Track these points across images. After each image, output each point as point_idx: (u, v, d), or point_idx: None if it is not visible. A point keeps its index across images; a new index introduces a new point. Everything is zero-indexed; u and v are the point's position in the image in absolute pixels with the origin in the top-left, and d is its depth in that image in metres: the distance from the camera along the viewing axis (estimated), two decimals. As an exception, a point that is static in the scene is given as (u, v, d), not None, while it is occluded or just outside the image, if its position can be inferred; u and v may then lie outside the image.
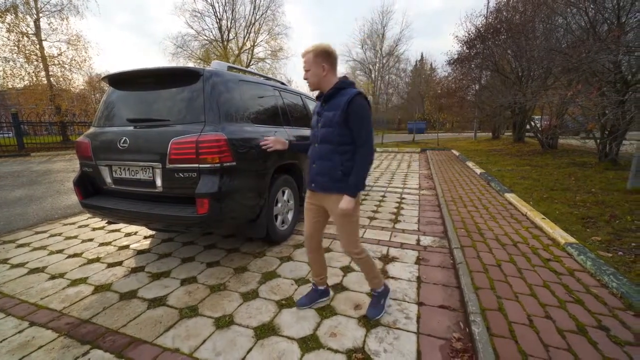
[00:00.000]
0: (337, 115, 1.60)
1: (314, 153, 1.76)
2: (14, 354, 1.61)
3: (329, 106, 1.66)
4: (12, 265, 2.66)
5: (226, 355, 1.57)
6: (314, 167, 1.74)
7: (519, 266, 2.34)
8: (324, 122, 1.67)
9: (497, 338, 1.57)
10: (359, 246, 1.79)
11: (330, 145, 1.66)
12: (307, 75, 1.66)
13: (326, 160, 1.68)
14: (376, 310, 1.86)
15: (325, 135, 1.66)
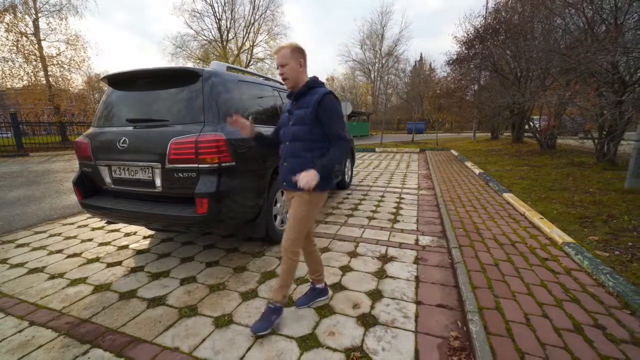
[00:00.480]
0: (309, 112, 1.63)
1: (285, 151, 1.76)
2: (14, 353, 1.61)
3: (300, 104, 1.69)
4: (11, 265, 2.67)
5: (225, 354, 1.58)
6: (285, 165, 1.75)
7: (517, 265, 2.35)
8: (295, 120, 1.69)
9: (494, 337, 1.58)
10: (299, 248, 1.77)
11: (301, 143, 1.68)
12: (285, 70, 1.64)
13: (297, 158, 1.69)
14: (264, 325, 1.71)
15: (296, 133, 1.68)
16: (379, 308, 1.96)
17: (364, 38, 41.71)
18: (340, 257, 2.73)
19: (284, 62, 1.64)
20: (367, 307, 1.98)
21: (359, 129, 24.95)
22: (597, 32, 6.08)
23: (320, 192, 1.70)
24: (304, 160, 1.66)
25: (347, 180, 5.55)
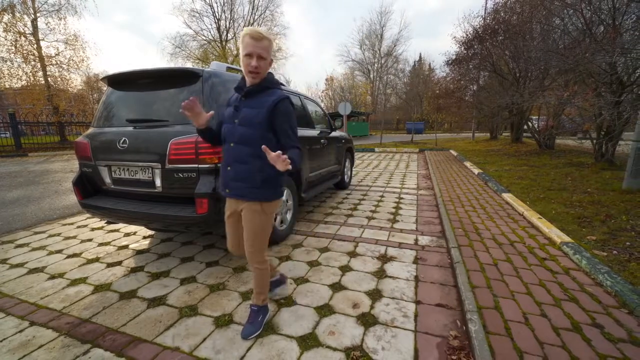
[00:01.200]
0: (261, 115, 1.49)
1: (229, 154, 1.57)
2: (14, 353, 1.62)
3: (250, 102, 1.52)
4: (11, 265, 2.67)
5: (226, 353, 1.59)
6: (229, 170, 1.57)
7: (516, 265, 2.36)
8: (242, 120, 1.51)
9: (493, 336, 1.59)
10: (265, 257, 1.70)
11: (249, 148, 1.51)
12: (261, 64, 1.45)
13: (243, 164, 1.54)
14: (253, 328, 1.70)
15: (244, 135, 1.51)
16: (378, 308, 1.97)
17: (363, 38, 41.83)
18: (339, 257, 2.73)
19: (265, 55, 1.44)
20: (367, 306, 1.98)
21: (359, 129, 24.97)
22: (596, 32, 6.11)
23: (270, 202, 1.60)
24: (251, 168, 1.52)
25: (346, 180, 5.56)
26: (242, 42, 1.42)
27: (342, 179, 5.27)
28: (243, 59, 1.44)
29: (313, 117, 4.27)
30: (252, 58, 1.42)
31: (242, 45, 1.42)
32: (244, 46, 1.41)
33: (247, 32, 1.41)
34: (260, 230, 1.61)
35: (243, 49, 1.42)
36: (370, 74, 42.20)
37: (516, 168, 6.80)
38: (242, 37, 1.42)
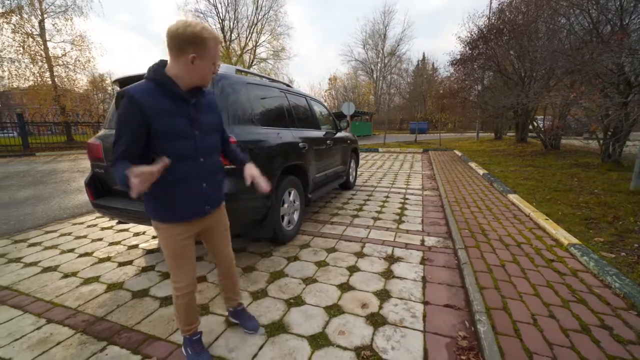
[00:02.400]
0: (219, 118, 1.46)
1: (199, 170, 1.35)
2: (34, 349, 1.66)
3: (201, 108, 1.35)
4: (25, 264, 2.73)
5: (239, 352, 1.62)
6: (205, 187, 1.38)
7: (523, 266, 2.38)
8: (207, 129, 1.37)
9: (502, 336, 1.61)
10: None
11: (217, 156, 1.47)
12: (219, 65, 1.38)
13: (217, 175, 1.46)
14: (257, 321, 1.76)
15: (211, 144, 1.41)
16: (387, 308, 1.99)
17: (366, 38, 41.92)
18: (347, 257, 2.76)
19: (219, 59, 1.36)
20: (376, 307, 2.01)
21: (362, 129, 24.97)
22: (603, 32, 6.07)
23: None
24: (222, 179, 1.49)
25: (351, 180, 5.58)
26: (210, 48, 1.24)
27: (347, 179, 5.29)
28: (208, 66, 1.27)
29: (319, 118, 4.29)
30: (216, 64, 1.30)
31: (210, 50, 1.24)
32: (214, 53, 1.26)
33: (216, 37, 1.27)
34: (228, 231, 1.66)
35: (212, 56, 1.26)
36: (373, 74, 42.17)
37: (521, 169, 6.78)
38: (209, 41, 1.23)
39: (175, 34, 1.18)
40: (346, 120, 5.11)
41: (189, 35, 1.17)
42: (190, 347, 1.55)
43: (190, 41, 1.18)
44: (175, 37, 1.18)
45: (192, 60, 1.21)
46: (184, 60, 1.21)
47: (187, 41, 1.18)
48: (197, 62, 1.22)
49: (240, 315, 1.80)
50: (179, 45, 1.19)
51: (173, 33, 1.18)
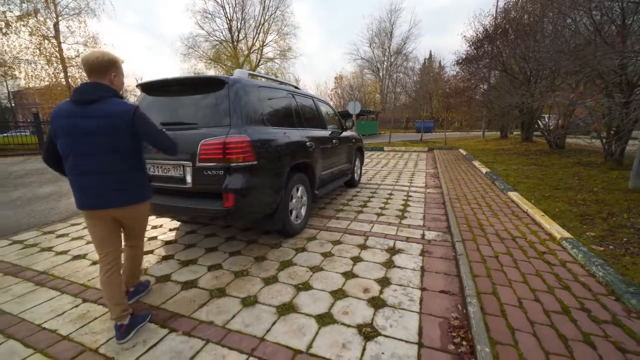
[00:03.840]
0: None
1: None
2: (75, 323, 1.90)
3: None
4: (56, 253, 2.98)
5: (254, 327, 1.84)
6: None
7: (515, 258, 2.54)
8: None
9: (490, 316, 1.80)
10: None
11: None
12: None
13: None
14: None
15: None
16: (387, 293, 2.19)
17: (372, 36, 41.80)
18: (351, 249, 2.95)
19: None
20: (377, 291, 2.20)
21: (368, 128, 25.06)
22: (607, 32, 6.13)
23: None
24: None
25: (356, 178, 5.76)
26: (120, 69, 1.70)
27: (352, 177, 5.48)
28: (122, 81, 1.75)
29: (325, 117, 4.48)
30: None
31: (121, 71, 1.71)
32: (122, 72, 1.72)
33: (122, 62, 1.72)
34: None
35: (122, 74, 1.73)
36: (379, 73, 42.12)
37: (524, 167, 6.88)
38: (119, 63, 1.69)
39: (96, 62, 1.60)
40: (351, 120, 5.29)
41: (108, 61, 1.62)
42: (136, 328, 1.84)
43: (110, 65, 1.63)
44: (97, 63, 1.60)
45: (113, 79, 1.67)
46: (107, 79, 1.65)
47: (109, 63, 1.63)
48: (116, 80, 1.68)
49: (137, 289, 2.15)
50: (102, 69, 1.61)
51: (94, 61, 1.60)
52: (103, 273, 1.73)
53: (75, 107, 1.57)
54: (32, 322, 1.91)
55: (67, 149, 1.58)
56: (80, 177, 1.62)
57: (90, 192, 1.63)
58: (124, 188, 1.69)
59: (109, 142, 1.59)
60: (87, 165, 1.60)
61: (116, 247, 1.79)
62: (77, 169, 1.61)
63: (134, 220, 1.85)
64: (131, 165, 1.71)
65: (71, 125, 1.55)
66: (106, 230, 1.73)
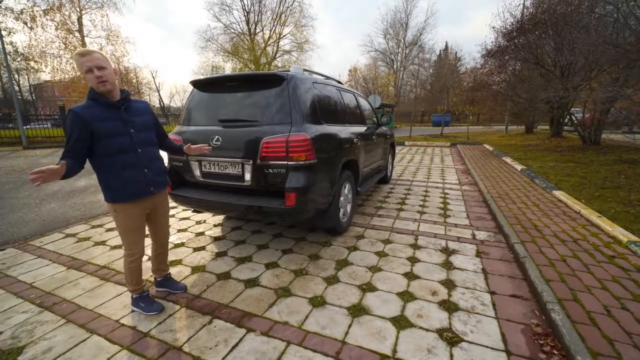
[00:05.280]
0: (150, 120, 1.88)
1: (140, 158, 1.78)
2: (152, 319, 1.93)
3: (132, 111, 1.77)
4: (111, 247, 3.04)
5: (331, 329, 1.82)
6: (147, 172, 1.80)
7: (585, 262, 2.44)
8: (140, 127, 1.79)
9: (579, 324, 1.72)
10: None
11: (154, 147, 1.91)
12: (106, 73, 1.60)
13: (157, 160, 1.92)
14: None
15: (147, 138, 1.84)
16: (456, 296, 2.13)
17: (387, 27, 40.82)
18: (403, 248, 2.90)
19: (104, 64, 1.60)
20: (445, 294, 2.15)
21: (384, 122, 24.73)
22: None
23: None
24: (161, 161, 1.96)
25: (388, 174, 5.68)
26: (77, 64, 1.65)
27: (386, 173, 5.40)
28: (87, 77, 1.63)
29: (364, 113, 4.40)
30: (93, 71, 1.58)
31: (78, 66, 1.66)
32: (79, 65, 1.64)
33: (79, 53, 1.63)
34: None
35: (80, 68, 1.65)
36: (393, 65, 41.27)
37: (561, 165, 6.63)
38: (76, 58, 1.64)
39: None
40: (388, 115, 5.17)
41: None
42: (142, 301, 1.99)
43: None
44: None
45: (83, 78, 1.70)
46: None
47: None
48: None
49: (168, 282, 2.23)
50: None
51: None
52: (136, 259, 1.92)
53: None
54: (110, 318, 1.95)
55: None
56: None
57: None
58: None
59: None
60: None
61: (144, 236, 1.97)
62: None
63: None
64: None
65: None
66: (143, 219, 1.92)
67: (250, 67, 26.77)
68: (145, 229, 1.97)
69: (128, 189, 1.76)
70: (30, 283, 2.37)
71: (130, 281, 1.97)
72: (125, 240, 1.88)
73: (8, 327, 1.86)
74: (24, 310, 2.02)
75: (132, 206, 1.81)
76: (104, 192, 1.77)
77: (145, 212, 1.91)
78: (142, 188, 1.81)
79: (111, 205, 1.80)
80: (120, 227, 1.85)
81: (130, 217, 1.82)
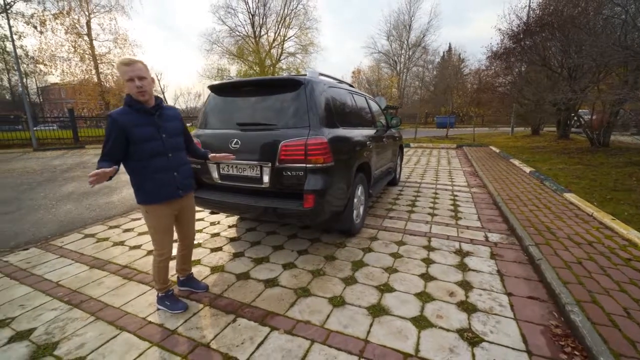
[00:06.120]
0: (179, 126, 1.96)
1: (170, 163, 1.86)
2: (177, 318, 1.98)
3: (164, 118, 1.86)
4: (130, 247, 3.11)
5: (353, 328, 1.86)
6: (176, 175, 1.88)
7: (601, 264, 2.45)
8: (170, 133, 1.87)
9: (599, 326, 1.74)
10: None
11: (183, 152, 2.00)
12: (145, 84, 1.69)
13: (186, 165, 1.99)
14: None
15: (177, 144, 1.92)
16: (473, 297, 2.16)
17: (390, 29, 40.86)
18: (417, 250, 2.94)
19: (144, 74, 1.68)
20: (462, 295, 2.18)
21: (388, 124, 24.76)
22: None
23: None
24: (189, 166, 2.04)
25: (397, 176, 5.71)
26: (121, 72, 1.70)
27: (394, 175, 5.43)
28: (128, 85, 1.71)
29: (375, 115, 4.44)
30: (134, 81, 1.68)
31: (121, 74, 1.71)
32: (122, 73, 1.70)
33: (121, 62, 1.72)
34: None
35: (123, 76, 1.71)
36: (397, 66, 41.28)
37: (570, 167, 6.62)
38: (119, 67, 1.71)
39: None
40: (398, 118, 5.22)
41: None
42: (167, 300, 2.05)
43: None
44: None
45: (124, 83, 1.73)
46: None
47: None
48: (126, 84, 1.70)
49: (190, 281, 2.29)
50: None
51: None
52: (165, 258, 1.99)
53: None
54: (137, 315, 2.01)
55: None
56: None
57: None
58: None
59: None
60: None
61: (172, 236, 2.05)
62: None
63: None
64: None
65: None
66: (172, 220, 2.00)
67: (255, 70, 26.97)
68: (173, 231, 2.03)
69: (159, 192, 1.84)
70: (56, 281, 2.44)
71: (158, 279, 2.02)
72: (155, 240, 1.94)
73: (41, 323, 1.93)
74: (53, 308, 2.09)
75: (162, 207, 1.87)
76: (137, 194, 1.83)
77: (174, 214, 1.98)
78: (172, 191, 1.89)
79: (143, 207, 1.86)
80: (151, 227, 1.91)
81: (161, 218, 1.89)
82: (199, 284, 2.30)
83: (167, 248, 1.97)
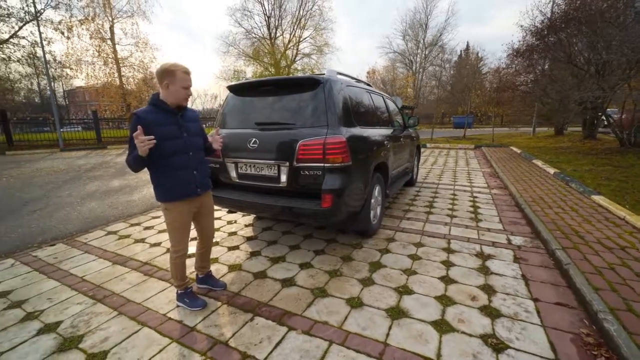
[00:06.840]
0: (199, 126, 2.02)
1: (190, 161, 1.92)
2: (196, 315, 2.00)
3: (186, 118, 1.92)
4: (150, 244, 3.18)
5: (372, 330, 1.82)
6: (195, 174, 1.93)
7: (636, 271, 2.32)
8: (193, 132, 1.94)
9: (636, 336, 1.64)
10: None
11: (202, 152, 2.05)
12: (191, 91, 1.87)
13: (204, 164, 2.05)
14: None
15: (197, 143, 1.98)
16: (496, 302, 2.08)
17: (406, 28, 40.36)
18: (437, 252, 2.86)
19: (191, 84, 1.86)
20: (485, 300, 2.11)
21: (403, 124, 24.43)
22: None
23: None
24: (207, 165, 2.11)
25: (414, 177, 5.61)
26: (177, 76, 1.77)
27: (411, 176, 5.34)
28: (179, 89, 1.80)
29: (392, 115, 4.38)
30: (188, 90, 1.84)
31: (177, 78, 1.77)
32: (180, 79, 1.78)
33: (183, 69, 1.79)
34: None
35: (180, 81, 1.79)
36: (412, 66, 40.68)
37: (598, 168, 6.31)
38: (177, 72, 1.77)
39: (157, 71, 1.80)
40: (415, 117, 5.13)
41: (163, 71, 1.75)
42: (186, 297, 2.08)
43: (164, 74, 1.75)
44: (157, 73, 1.80)
45: (167, 86, 1.78)
46: (163, 87, 1.79)
47: (162, 74, 1.76)
48: (170, 87, 1.77)
49: (209, 279, 2.33)
50: (159, 78, 1.78)
51: (157, 71, 1.82)
52: (181, 255, 2.04)
53: None
54: (157, 312, 2.04)
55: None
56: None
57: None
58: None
59: None
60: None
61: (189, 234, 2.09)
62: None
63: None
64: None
65: None
66: (190, 217, 2.03)
67: (270, 71, 27.23)
68: (190, 228, 2.06)
69: (179, 189, 1.87)
70: (81, 277, 2.52)
71: (175, 276, 2.06)
72: (172, 237, 1.98)
73: (67, 316, 1.99)
74: (78, 302, 2.16)
75: (182, 204, 1.91)
76: (156, 191, 1.88)
77: (192, 211, 2.01)
78: (192, 189, 1.93)
79: (163, 204, 1.90)
80: (169, 224, 1.94)
81: (180, 215, 1.92)
82: (217, 282, 2.32)
83: (182, 245, 2.01)
